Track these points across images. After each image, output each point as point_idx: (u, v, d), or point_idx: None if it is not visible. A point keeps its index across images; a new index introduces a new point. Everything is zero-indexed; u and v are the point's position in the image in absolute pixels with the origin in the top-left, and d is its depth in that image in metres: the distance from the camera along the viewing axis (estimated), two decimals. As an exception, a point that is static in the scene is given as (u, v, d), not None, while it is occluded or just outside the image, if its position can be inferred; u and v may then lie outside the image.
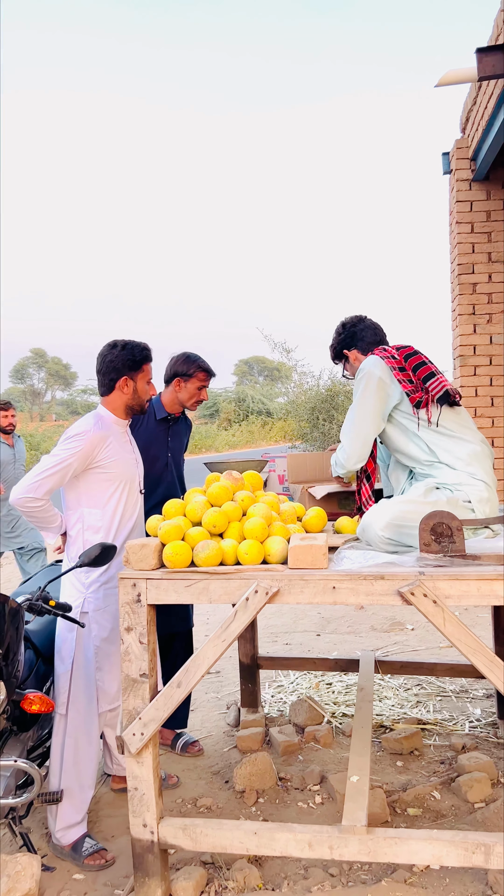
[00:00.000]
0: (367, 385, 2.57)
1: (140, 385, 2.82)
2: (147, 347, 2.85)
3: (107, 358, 2.77)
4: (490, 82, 4.95)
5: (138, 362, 2.79)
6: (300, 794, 2.98)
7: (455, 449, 2.54)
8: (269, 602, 2.15)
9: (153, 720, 2.21)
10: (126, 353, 2.77)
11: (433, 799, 2.86)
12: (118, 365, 2.76)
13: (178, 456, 3.52)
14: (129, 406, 2.83)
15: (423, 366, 2.59)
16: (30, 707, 2.26)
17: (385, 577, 2.11)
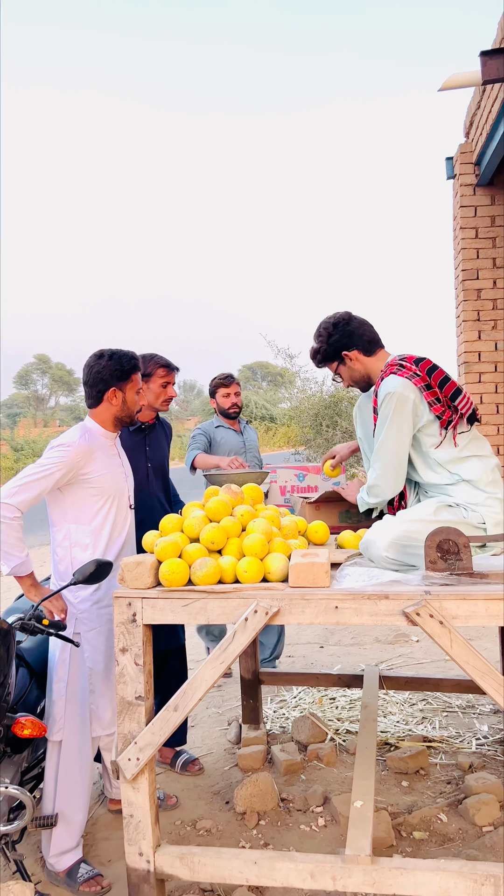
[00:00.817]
0: (400, 408, 2.41)
1: (129, 395, 2.74)
2: (135, 356, 2.77)
3: (94, 369, 2.68)
4: (494, 86, 4.89)
5: (126, 372, 2.71)
6: (302, 815, 2.89)
7: (478, 467, 2.42)
8: (269, 622, 2.08)
9: (149, 745, 2.13)
10: (114, 363, 2.68)
11: (440, 822, 2.78)
12: (106, 376, 2.67)
13: (160, 464, 3.42)
14: (118, 417, 2.75)
15: (447, 382, 2.46)
16: (21, 732, 2.18)
17: (389, 596, 2.03)
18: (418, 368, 2.46)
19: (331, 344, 2.64)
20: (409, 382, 2.42)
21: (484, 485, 2.40)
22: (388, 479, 2.47)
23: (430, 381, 2.44)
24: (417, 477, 2.53)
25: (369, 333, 2.63)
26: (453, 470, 2.45)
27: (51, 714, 2.57)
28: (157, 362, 3.24)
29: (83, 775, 2.59)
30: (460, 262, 6.00)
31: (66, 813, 2.55)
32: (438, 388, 2.44)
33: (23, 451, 23.58)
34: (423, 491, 2.58)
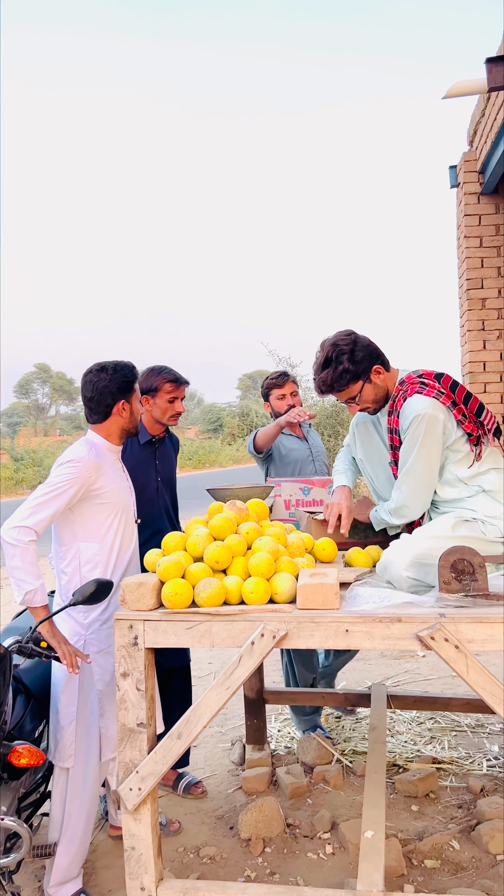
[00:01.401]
0: (431, 430, 2.33)
1: (135, 406, 2.69)
2: (134, 366, 2.71)
3: (98, 384, 2.60)
4: (499, 94, 4.83)
5: (130, 383, 2.65)
6: (309, 842, 2.80)
7: (496, 478, 2.35)
8: (276, 646, 1.99)
9: (152, 774, 2.05)
10: (118, 375, 2.61)
11: (452, 849, 2.68)
12: (113, 389, 2.60)
13: (169, 478, 3.36)
14: (126, 430, 2.68)
15: (471, 398, 2.39)
16: (18, 761, 2.09)
17: (402, 619, 1.94)
18: (441, 385, 2.39)
19: (359, 362, 2.48)
20: (437, 402, 2.36)
21: (502, 496, 2.33)
22: (416, 501, 2.41)
23: (455, 398, 2.38)
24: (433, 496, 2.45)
25: (377, 349, 2.56)
26: (472, 483, 2.39)
27: (59, 740, 2.48)
28: (165, 377, 3.14)
29: (89, 803, 2.50)
30: (464, 272, 5.94)
31: (72, 840, 2.46)
32: (464, 405, 2.38)
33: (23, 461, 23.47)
34: (434, 507, 2.50)
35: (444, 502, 2.44)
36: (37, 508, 2.37)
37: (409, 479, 2.40)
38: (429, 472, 2.38)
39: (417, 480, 2.39)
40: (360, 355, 2.48)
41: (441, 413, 2.36)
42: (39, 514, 2.37)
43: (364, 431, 2.71)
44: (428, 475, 2.39)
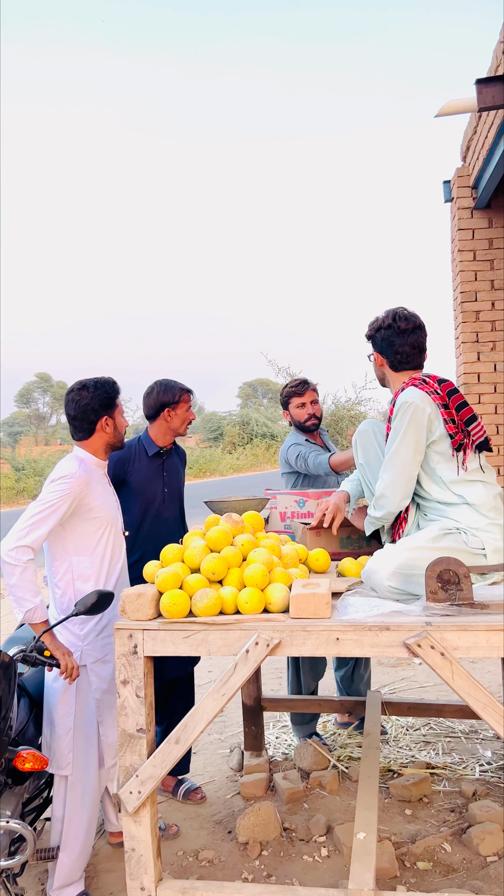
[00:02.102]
0: (415, 420, 2.42)
1: (118, 421, 2.77)
2: (115, 381, 2.79)
3: (81, 402, 2.68)
4: (490, 112, 4.94)
5: (112, 398, 2.74)
6: (305, 845, 2.87)
7: (482, 492, 2.43)
8: (270, 654, 2.08)
9: (151, 777, 2.13)
10: (100, 392, 2.70)
11: (443, 851, 2.76)
12: (95, 406, 2.68)
13: (177, 489, 3.43)
14: (111, 444, 2.77)
15: (465, 407, 2.47)
16: (23, 765, 2.17)
17: (391, 627, 2.03)
18: (440, 388, 2.48)
19: (374, 336, 2.68)
20: (426, 396, 2.45)
21: (486, 510, 2.40)
22: (396, 490, 2.47)
23: (448, 402, 2.46)
24: (421, 491, 2.52)
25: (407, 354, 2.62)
26: (457, 491, 2.46)
27: (57, 748, 2.56)
28: (182, 389, 3.26)
29: (90, 808, 2.59)
30: (458, 285, 6.04)
31: (73, 844, 2.54)
32: (455, 411, 2.46)
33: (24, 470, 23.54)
34: (422, 514, 2.58)
35: (430, 503, 2.52)
36: (33, 526, 2.46)
37: (389, 466, 2.48)
38: (408, 463, 2.45)
39: (396, 469, 2.46)
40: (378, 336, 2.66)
41: (428, 407, 2.44)
42: (36, 532, 2.46)
43: (365, 439, 2.80)
44: (407, 466, 2.45)
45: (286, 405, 3.96)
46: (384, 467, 2.52)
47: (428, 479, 2.51)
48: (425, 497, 2.54)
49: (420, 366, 2.69)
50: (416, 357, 2.66)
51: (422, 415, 2.44)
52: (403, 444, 2.46)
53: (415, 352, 2.64)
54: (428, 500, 2.54)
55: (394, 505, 2.50)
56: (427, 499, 2.54)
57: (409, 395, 2.49)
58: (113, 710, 2.67)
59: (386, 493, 2.49)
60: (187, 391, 3.30)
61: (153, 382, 3.28)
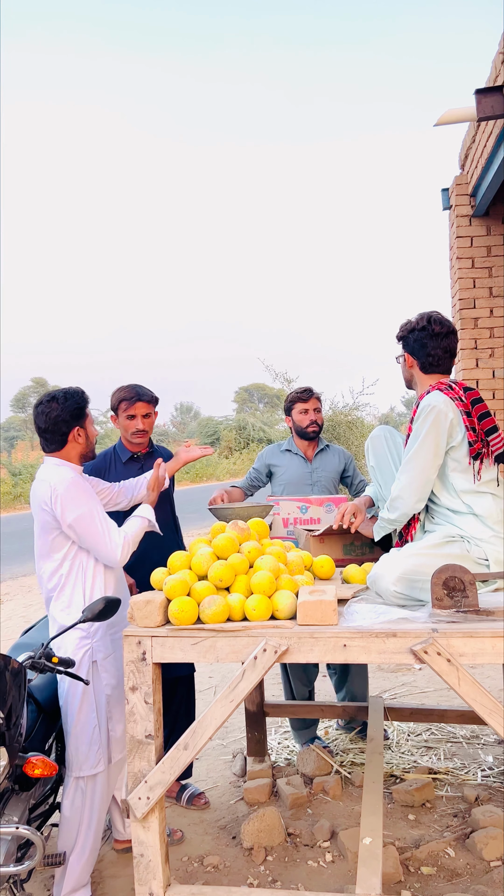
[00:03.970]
0: (437, 423, 2.44)
1: (90, 430, 2.79)
2: (83, 391, 2.79)
3: (51, 414, 2.67)
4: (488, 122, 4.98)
5: (82, 408, 2.74)
6: (310, 851, 2.89)
7: (491, 504, 2.44)
8: (278, 661, 2.10)
9: (159, 783, 2.15)
10: (70, 403, 2.69)
11: (447, 856, 2.78)
12: (66, 417, 2.68)
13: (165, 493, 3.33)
14: (83, 454, 2.79)
15: (487, 417, 2.50)
16: (32, 771, 2.19)
17: (397, 634, 2.05)
18: (464, 395, 2.50)
19: (406, 337, 2.70)
20: (451, 401, 2.47)
21: (493, 522, 2.43)
22: (412, 492, 2.48)
23: (471, 410, 2.48)
24: (433, 496, 2.55)
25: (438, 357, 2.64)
26: (467, 500, 2.48)
27: (77, 749, 2.60)
28: (119, 395, 3.22)
29: (101, 808, 2.63)
30: (457, 292, 6.08)
31: (83, 848, 2.56)
32: (477, 421, 2.48)
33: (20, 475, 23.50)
34: (429, 517, 2.61)
35: (438, 508, 2.54)
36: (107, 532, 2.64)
37: (409, 468, 2.48)
38: (426, 466, 2.46)
39: (414, 472, 2.47)
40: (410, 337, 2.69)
41: (451, 412, 2.45)
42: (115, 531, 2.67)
43: (379, 444, 2.83)
44: (425, 469, 2.46)
45: (289, 410, 4.02)
46: (402, 468, 2.53)
47: (440, 484, 2.54)
48: (434, 501, 2.57)
49: (449, 370, 2.72)
50: (446, 361, 2.69)
51: (444, 419, 2.46)
52: (423, 446, 2.48)
53: (446, 356, 2.67)
54: (436, 505, 2.56)
55: (409, 506, 2.52)
56: (436, 504, 2.56)
57: (433, 398, 2.50)
58: (121, 704, 2.70)
59: (402, 494, 2.51)
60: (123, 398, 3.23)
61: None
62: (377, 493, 2.89)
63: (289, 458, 3.97)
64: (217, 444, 33.40)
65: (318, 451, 3.97)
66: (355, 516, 2.86)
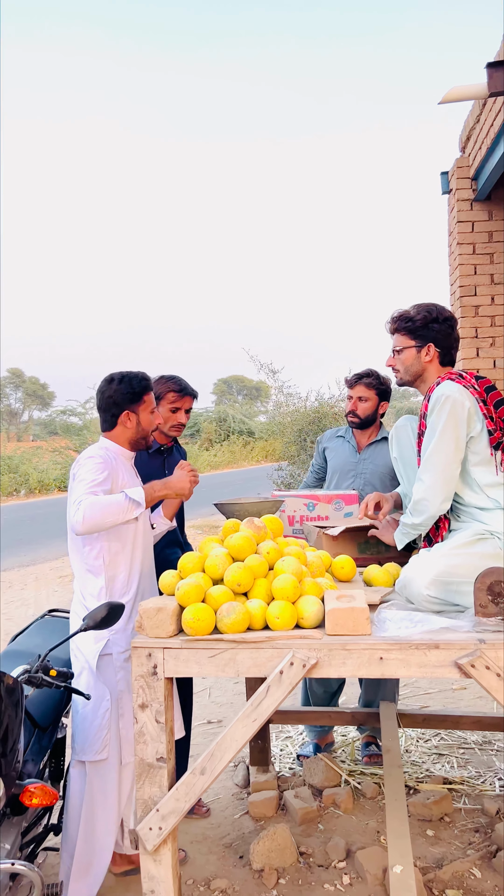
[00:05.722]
0: (454, 414, 2.25)
1: (143, 417, 2.64)
2: (147, 377, 2.68)
3: (105, 393, 2.61)
4: (496, 100, 4.78)
5: (138, 394, 2.61)
6: (325, 872, 2.68)
7: None
8: (306, 675, 1.88)
9: (173, 812, 1.93)
10: (125, 385, 2.60)
11: (473, 878, 2.59)
12: (118, 399, 2.58)
13: None
14: (134, 440, 2.66)
15: (501, 405, 2.32)
16: (30, 801, 1.95)
17: (440, 645, 1.85)
18: (477, 384, 2.32)
19: (428, 327, 2.46)
20: (465, 390, 2.29)
21: None
22: (437, 493, 2.28)
23: (486, 398, 2.30)
24: (455, 494, 2.36)
25: (455, 349, 2.51)
26: (492, 495, 2.30)
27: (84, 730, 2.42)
28: (169, 386, 3.06)
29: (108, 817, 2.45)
30: (457, 279, 5.89)
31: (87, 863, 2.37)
32: (494, 409, 2.30)
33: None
34: (454, 517, 2.41)
35: (464, 508, 2.35)
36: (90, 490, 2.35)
37: (430, 466, 2.29)
38: (450, 461, 2.27)
39: (437, 469, 2.28)
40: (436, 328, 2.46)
41: (468, 400, 2.28)
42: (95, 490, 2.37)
43: (403, 434, 2.65)
44: (448, 465, 2.28)
45: None
46: (422, 469, 2.34)
47: (461, 481, 2.34)
48: (457, 500, 2.37)
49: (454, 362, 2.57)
50: (456, 352, 2.55)
51: (461, 409, 2.27)
52: (442, 441, 2.28)
53: (456, 346, 2.54)
54: (460, 504, 2.37)
55: (434, 508, 2.32)
56: (459, 502, 2.37)
57: (446, 388, 2.32)
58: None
59: (426, 496, 2.31)
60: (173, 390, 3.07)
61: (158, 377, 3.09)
62: (403, 490, 2.70)
63: (339, 444, 3.69)
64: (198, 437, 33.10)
65: (373, 442, 3.62)
66: (379, 506, 2.66)
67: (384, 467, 3.50)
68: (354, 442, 3.64)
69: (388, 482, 3.48)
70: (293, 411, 13.70)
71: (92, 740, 2.42)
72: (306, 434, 12.57)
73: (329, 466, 3.70)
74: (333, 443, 3.72)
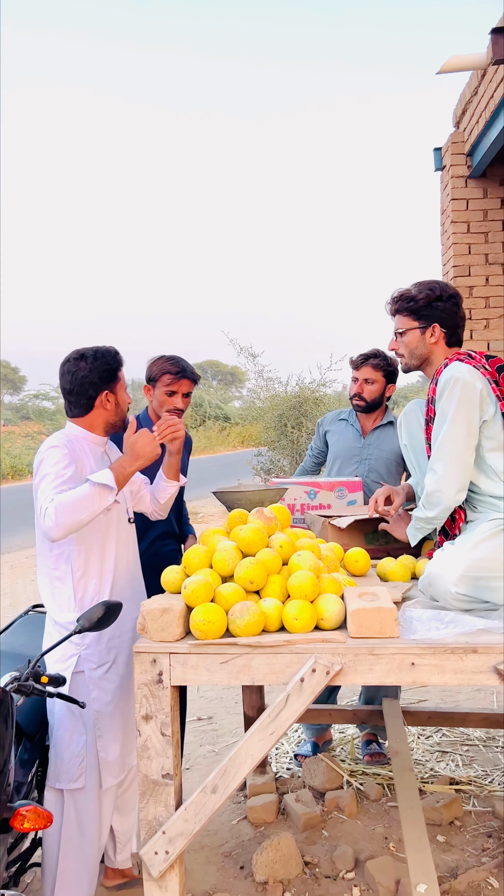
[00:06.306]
0: (466, 397, 2.08)
1: (121, 396, 2.39)
2: (117, 351, 2.41)
3: (78, 374, 2.29)
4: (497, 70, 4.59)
5: (114, 371, 2.35)
6: (333, 884, 2.52)
7: None
8: (329, 683, 1.70)
9: (181, 835, 1.74)
10: (100, 363, 2.31)
11: (490, 887, 2.44)
12: (94, 379, 2.29)
13: None
14: (111, 423, 2.38)
15: None
16: (21, 825, 1.75)
17: (478, 649, 1.68)
18: (487, 363, 2.16)
19: (432, 306, 2.30)
20: (476, 371, 2.13)
21: None
22: (451, 483, 2.11)
23: (498, 378, 2.14)
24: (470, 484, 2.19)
25: (462, 328, 2.33)
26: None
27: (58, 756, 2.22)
28: (165, 367, 2.81)
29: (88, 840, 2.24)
30: (451, 258, 5.71)
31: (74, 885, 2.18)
32: None
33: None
34: (470, 507, 2.24)
35: (480, 497, 2.18)
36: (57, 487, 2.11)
37: (443, 455, 2.12)
38: (464, 447, 2.11)
39: (450, 458, 2.11)
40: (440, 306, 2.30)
41: (479, 382, 2.12)
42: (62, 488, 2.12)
43: (411, 419, 2.47)
44: (462, 453, 2.11)
45: None
46: (434, 458, 2.16)
47: (475, 469, 2.17)
48: (472, 490, 2.20)
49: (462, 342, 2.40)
50: (462, 332, 2.39)
51: (473, 391, 2.10)
52: (455, 427, 2.11)
53: (463, 325, 2.38)
54: (476, 494, 2.20)
55: (449, 499, 2.14)
56: (475, 492, 2.20)
57: (455, 369, 2.15)
58: (114, 722, 2.28)
59: (440, 487, 2.13)
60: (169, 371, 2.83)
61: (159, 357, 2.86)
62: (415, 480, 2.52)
63: (343, 427, 3.47)
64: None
65: (378, 426, 3.40)
66: (390, 500, 2.48)
67: (390, 453, 3.31)
68: (359, 426, 3.43)
69: (394, 469, 3.30)
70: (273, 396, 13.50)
71: (67, 767, 2.21)
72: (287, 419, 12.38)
73: (331, 451, 3.50)
74: (336, 426, 3.51)
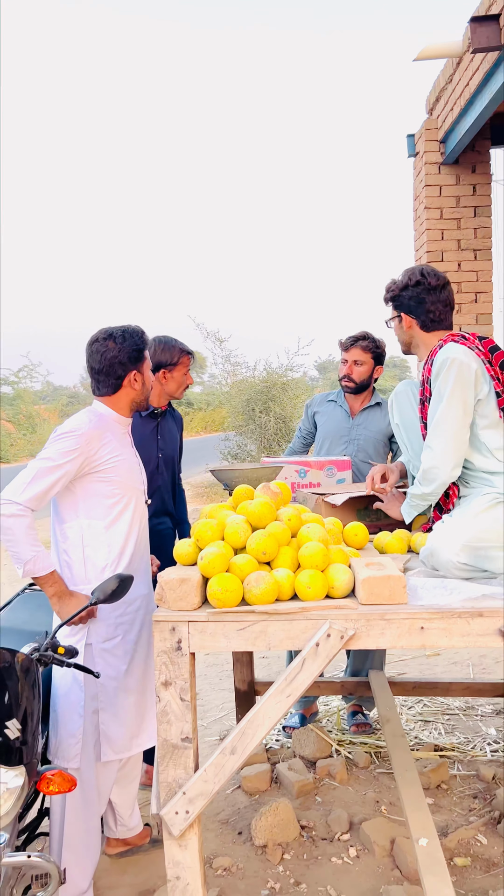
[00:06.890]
0: (461, 377, 2.16)
1: (147, 376, 2.46)
2: (143, 331, 2.47)
3: (107, 354, 2.35)
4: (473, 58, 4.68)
5: (141, 351, 2.42)
6: (329, 845, 2.62)
7: None
8: (344, 647, 1.78)
9: (201, 795, 1.81)
10: (129, 343, 2.37)
11: (479, 844, 2.57)
12: (123, 359, 2.36)
13: (171, 456, 3.13)
14: (137, 402, 2.46)
15: None
16: (47, 788, 1.80)
17: (484, 613, 1.77)
18: (481, 345, 2.24)
19: (400, 295, 2.42)
20: (470, 352, 2.21)
21: None
22: (447, 460, 2.19)
23: (491, 359, 2.22)
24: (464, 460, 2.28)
25: (439, 312, 2.38)
26: (501, 458, 2.23)
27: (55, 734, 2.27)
28: (182, 350, 2.96)
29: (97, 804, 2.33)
30: (424, 244, 5.82)
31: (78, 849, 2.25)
32: (500, 369, 2.22)
33: None
34: (463, 483, 2.33)
35: (474, 473, 2.28)
36: (30, 484, 2.15)
37: (439, 433, 2.20)
38: (460, 426, 2.19)
39: (446, 436, 2.19)
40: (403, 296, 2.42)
41: (474, 362, 2.19)
42: (33, 489, 2.14)
43: (404, 399, 2.56)
44: (459, 429, 2.19)
45: None
46: (431, 436, 2.25)
47: (470, 446, 2.26)
48: (466, 466, 2.29)
49: (451, 325, 2.47)
50: (447, 315, 2.44)
51: (468, 371, 2.18)
52: (451, 406, 2.19)
53: (447, 309, 2.43)
54: (470, 470, 2.29)
55: (446, 475, 2.23)
56: (469, 468, 2.29)
57: (450, 350, 2.23)
58: (118, 698, 2.34)
59: (436, 463, 2.22)
60: (187, 353, 3.00)
61: (152, 339, 2.90)
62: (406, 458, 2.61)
63: (331, 408, 3.55)
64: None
65: (366, 407, 3.49)
66: (385, 478, 2.57)
67: (378, 433, 3.41)
68: (347, 407, 3.52)
69: (382, 449, 3.40)
70: (240, 381, 13.55)
71: (64, 747, 2.26)
72: (254, 404, 12.46)
73: (319, 432, 3.58)
74: (324, 407, 3.59)
